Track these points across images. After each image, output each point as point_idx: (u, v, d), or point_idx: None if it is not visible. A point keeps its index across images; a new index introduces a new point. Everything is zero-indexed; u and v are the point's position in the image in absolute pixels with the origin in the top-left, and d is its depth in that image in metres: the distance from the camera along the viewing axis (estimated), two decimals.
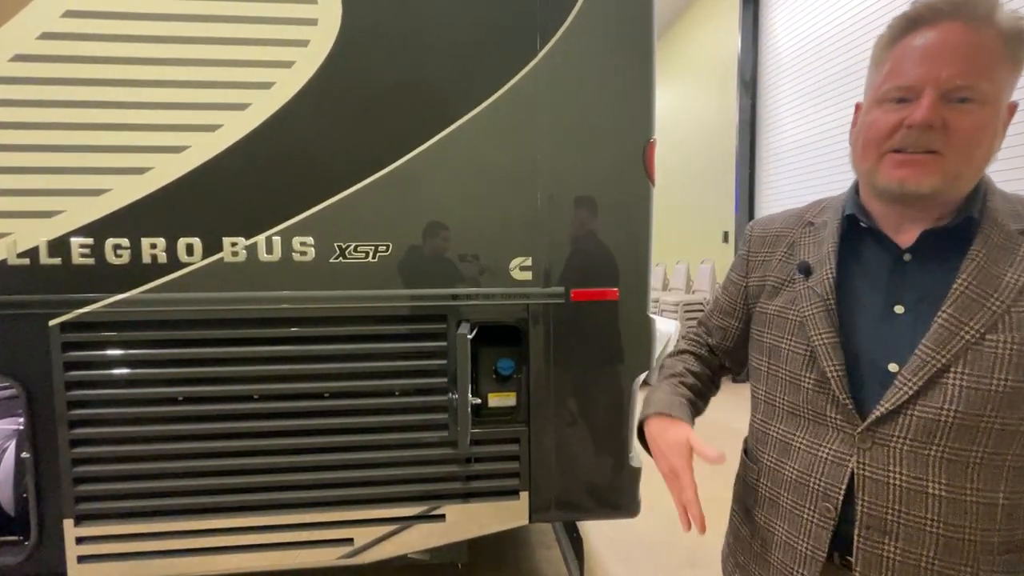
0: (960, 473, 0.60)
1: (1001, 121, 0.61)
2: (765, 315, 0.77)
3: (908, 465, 0.61)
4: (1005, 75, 0.59)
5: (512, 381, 1.54)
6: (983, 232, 0.62)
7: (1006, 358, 0.58)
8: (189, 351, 1.40)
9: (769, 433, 0.76)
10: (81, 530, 1.40)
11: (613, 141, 1.51)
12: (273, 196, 1.39)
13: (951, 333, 0.60)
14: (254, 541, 1.44)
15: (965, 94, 0.58)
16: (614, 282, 1.52)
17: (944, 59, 0.58)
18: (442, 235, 1.46)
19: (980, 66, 0.58)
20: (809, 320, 0.69)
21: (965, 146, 0.59)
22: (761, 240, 0.82)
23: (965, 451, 0.59)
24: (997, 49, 0.58)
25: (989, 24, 0.58)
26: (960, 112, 0.58)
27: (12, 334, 1.35)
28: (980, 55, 0.58)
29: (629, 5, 1.48)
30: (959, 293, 0.60)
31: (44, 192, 1.33)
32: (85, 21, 1.31)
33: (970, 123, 0.58)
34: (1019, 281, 0.59)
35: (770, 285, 0.77)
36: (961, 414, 0.59)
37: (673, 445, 0.73)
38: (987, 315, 0.59)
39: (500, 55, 1.44)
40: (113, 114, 1.34)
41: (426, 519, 1.50)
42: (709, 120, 5.75)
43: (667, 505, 2.47)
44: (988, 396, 0.58)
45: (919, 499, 0.61)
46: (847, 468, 0.65)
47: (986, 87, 0.58)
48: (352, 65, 1.40)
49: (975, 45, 0.58)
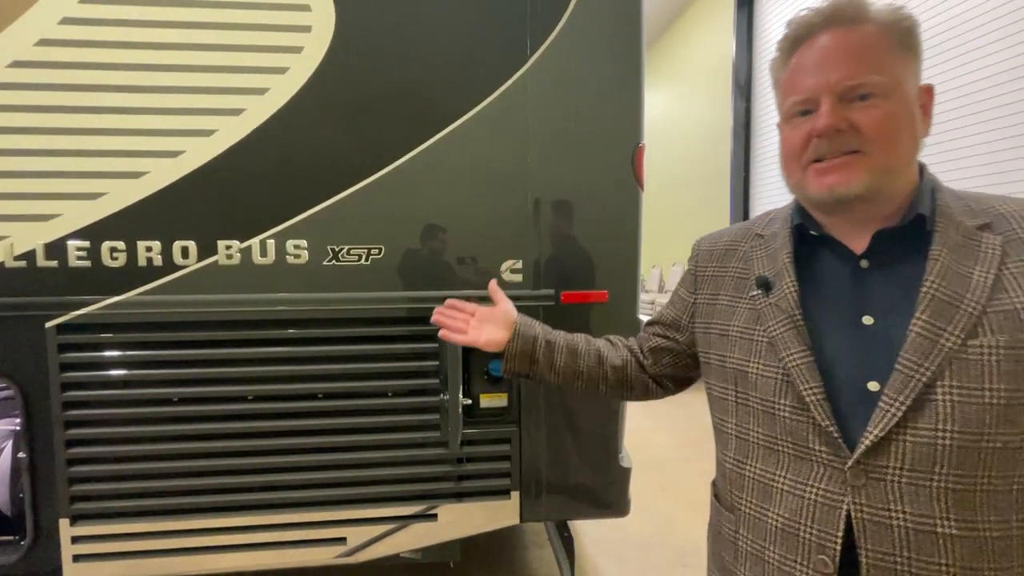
0: (970, 505, 0.52)
1: (917, 105, 0.60)
2: (726, 337, 0.70)
3: (911, 502, 0.53)
4: (899, 62, 0.59)
5: (503, 382, 1.56)
6: (940, 231, 0.58)
7: (994, 365, 0.52)
8: (184, 353, 1.42)
9: (744, 474, 0.66)
10: (76, 529, 1.41)
11: (602, 146, 1.53)
12: (267, 200, 1.42)
13: (931, 342, 0.54)
14: (248, 540, 1.46)
15: (862, 91, 0.58)
16: (603, 284, 1.54)
17: (831, 64, 0.59)
18: (434, 238, 1.48)
19: (867, 61, 0.58)
20: (779, 340, 0.63)
21: (882, 138, 0.58)
22: (709, 254, 0.78)
23: (971, 478, 0.52)
24: (880, 41, 0.59)
25: (864, 22, 0.59)
26: (864, 108, 0.58)
27: (9, 336, 1.37)
28: (864, 51, 0.58)
29: (618, 12, 1.51)
30: (930, 296, 0.55)
31: (41, 196, 1.35)
32: (82, 28, 1.34)
33: (877, 116, 0.57)
34: (988, 279, 0.55)
35: (724, 304, 0.72)
36: (959, 434, 0.52)
37: None
38: (965, 318, 0.54)
39: (491, 61, 1.46)
40: (109, 119, 1.36)
41: (418, 519, 1.52)
42: (704, 123, 5.78)
43: (658, 506, 2.49)
44: (985, 410, 0.52)
45: (929, 541, 0.53)
46: (841, 511, 0.56)
47: (880, 80, 0.58)
48: (345, 71, 1.42)
49: (856, 44, 0.59)
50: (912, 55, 0.60)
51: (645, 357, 0.86)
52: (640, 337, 0.89)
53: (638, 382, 0.87)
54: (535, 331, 0.88)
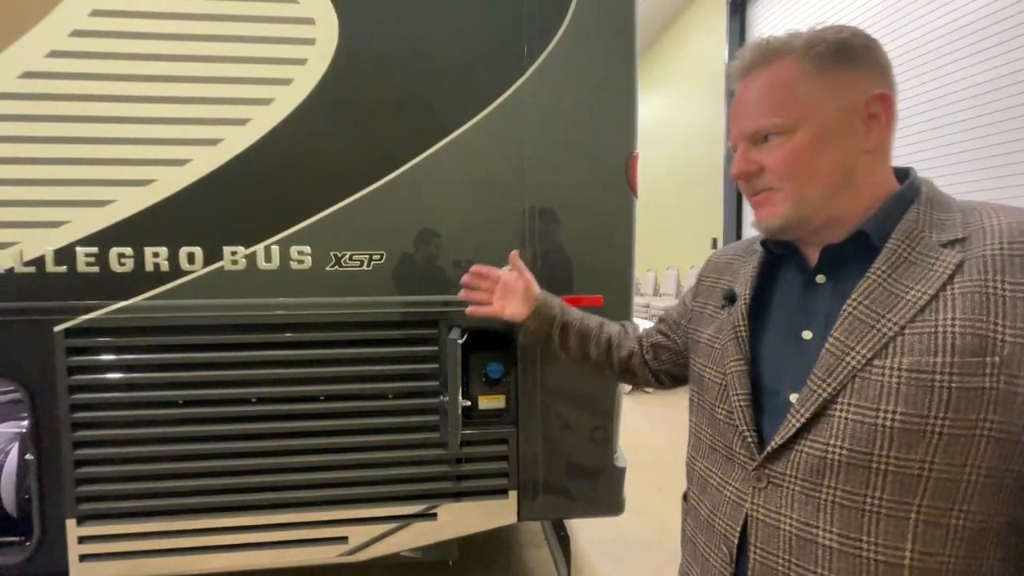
0: (854, 522, 0.53)
1: (857, 120, 0.59)
2: (700, 344, 0.75)
3: (799, 509, 0.56)
4: (817, 88, 0.59)
5: (501, 384, 1.60)
6: (889, 246, 0.57)
7: (894, 387, 0.52)
8: (190, 356, 1.45)
9: (695, 468, 0.73)
10: (83, 530, 1.44)
11: (597, 155, 1.58)
12: (272, 207, 1.45)
13: (836, 359, 0.55)
14: (251, 540, 1.49)
15: (765, 133, 0.61)
16: (598, 289, 1.59)
17: (740, 113, 0.63)
18: (434, 244, 1.53)
19: (767, 104, 0.60)
20: (724, 349, 0.68)
21: (789, 174, 0.60)
22: (714, 266, 0.82)
23: (859, 496, 0.53)
24: (788, 76, 0.59)
25: (776, 59, 0.60)
26: (769, 149, 0.61)
27: (18, 339, 1.40)
28: (766, 94, 0.60)
29: (612, 25, 1.56)
30: (847, 314, 0.56)
31: (51, 203, 1.38)
32: (92, 40, 1.37)
33: (781, 154, 0.60)
34: (922, 298, 0.53)
35: (708, 313, 0.77)
36: (848, 451, 0.53)
37: None
38: (876, 338, 0.54)
39: (489, 72, 1.51)
40: (118, 129, 1.39)
41: (418, 518, 1.56)
42: (698, 128, 5.86)
43: (654, 506, 2.54)
44: (875, 431, 0.52)
45: (809, 549, 0.55)
46: (744, 509, 0.60)
47: (779, 120, 0.59)
48: (348, 82, 1.46)
49: (761, 88, 0.61)
50: (842, 71, 0.59)
51: (647, 352, 0.93)
52: (647, 332, 0.95)
53: (640, 373, 0.94)
54: (553, 312, 0.97)
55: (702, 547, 0.67)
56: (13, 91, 1.36)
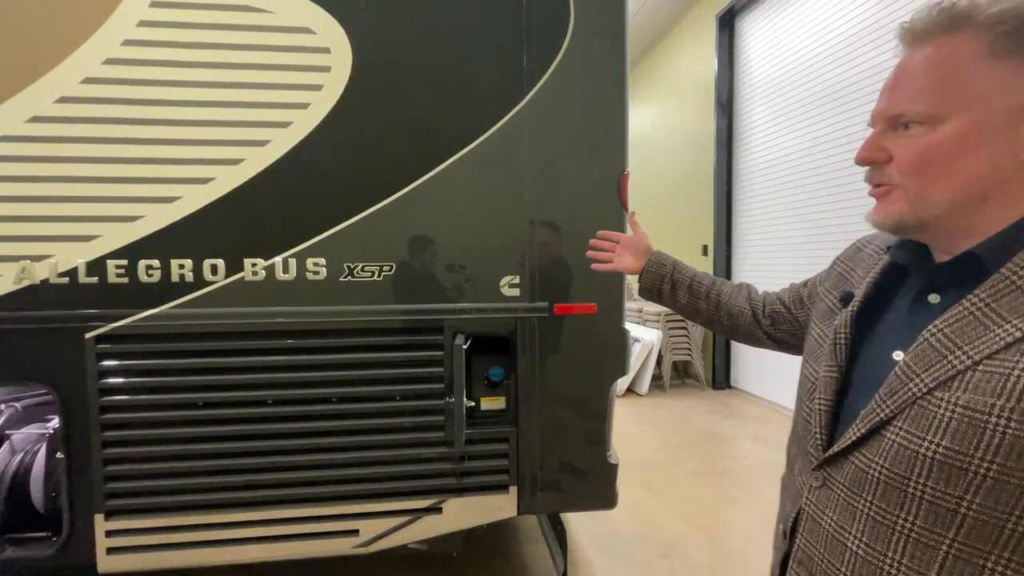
0: (883, 537, 0.54)
1: (1009, 123, 0.50)
2: (810, 336, 0.73)
3: (839, 512, 0.59)
4: (983, 76, 0.50)
5: (502, 386, 1.71)
6: (1002, 272, 0.52)
7: (945, 421, 0.50)
8: (212, 360, 1.55)
9: (790, 451, 0.75)
10: (111, 524, 1.54)
11: (591, 173, 1.70)
12: (289, 222, 1.56)
13: (901, 383, 0.54)
14: (269, 533, 1.59)
15: (906, 119, 0.54)
16: (592, 297, 1.71)
17: (889, 88, 0.56)
18: (439, 256, 1.64)
19: (920, 86, 0.53)
20: (824, 351, 0.67)
21: (914, 172, 0.54)
22: (853, 254, 0.75)
23: (892, 516, 0.54)
24: (958, 56, 0.51)
25: (951, 31, 0.52)
26: (904, 139, 0.55)
27: (51, 346, 1.50)
28: (925, 73, 0.53)
29: (604, 55, 1.69)
30: (923, 340, 0.54)
31: (84, 219, 1.48)
32: (124, 68, 1.48)
33: (915, 148, 0.54)
34: (1012, 334, 0.48)
35: (827, 306, 0.72)
36: (887, 472, 0.54)
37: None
38: (943, 368, 0.51)
39: (491, 98, 1.63)
40: (147, 150, 1.50)
41: (425, 512, 1.66)
42: (689, 138, 6.01)
43: (644, 504, 2.67)
44: (916, 459, 0.51)
45: (839, 549, 0.58)
46: (801, 501, 0.65)
47: (924, 108, 0.52)
48: (360, 106, 1.58)
49: (920, 65, 0.53)
50: (1013, 58, 0.49)
51: (765, 317, 0.91)
52: (769, 298, 0.93)
53: (748, 332, 0.94)
54: (665, 269, 1.02)
55: (781, 514, 0.72)
56: (49, 115, 1.46)
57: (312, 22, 1.55)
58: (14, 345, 1.48)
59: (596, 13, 1.67)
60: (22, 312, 1.47)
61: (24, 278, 1.47)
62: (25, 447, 1.74)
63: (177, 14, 1.49)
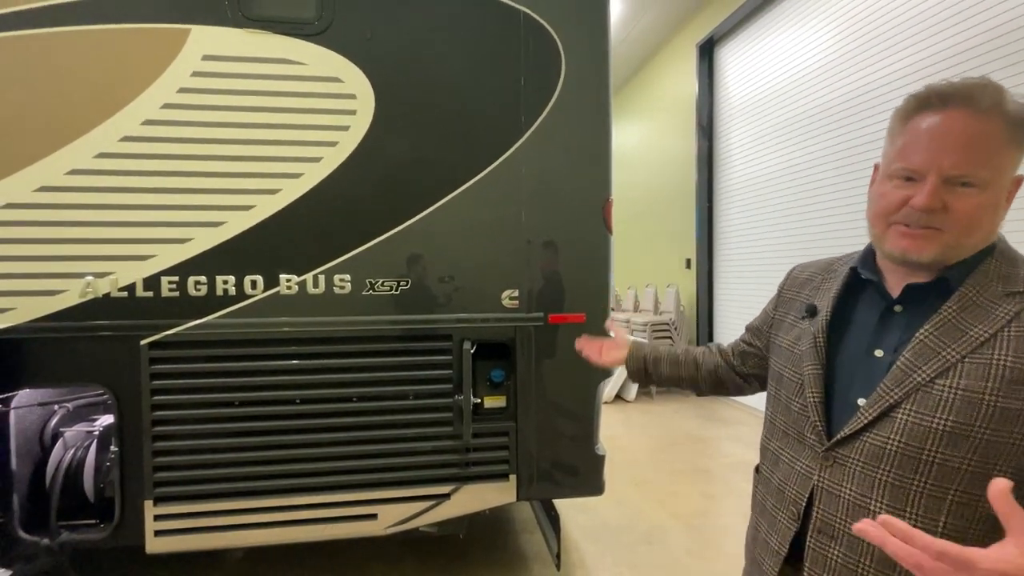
0: (901, 498, 0.66)
1: (1005, 195, 0.66)
2: (780, 347, 0.86)
3: (858, 483, 0.69)
4: (1007, 159, 0.64)
5: (503, 387, 1.95)
6: (962, 290, 0.67)
7: (950, 401, 0.64)
8: (250, 364, 1.78)
9: (768, 448, 0.86)
10: (159, 509, 1.74)
11: (579, 199, 1.97)
12: (319, 243, 1.80)
13: (905, 374, 0.67)
14: (298, 517, 1.80)
15: (965, 180, 0.64)
16: (581, 308, 1.96)
17: (947, 147, 0.64)
18: (448, 272, 1.89)
19: (981, 155, 0.63)
20: (804, 354, 0.79)
21: (965, 225, 0.65)
22: (795, 280, 0.91)
23: (908, 479, 0.65)
24: (999, 136, 0.63)
25: (995, 113, 0.63)
26: (961, 196, 0.64)
27: (110, 351, 1.71)
28: (981, 144, 0.63)
29: (590, 101, 1.96)
30: (919, 341, 0.67)
31: (141, 241, 1.71)
32: (177, 111, 1.72)
33: (970, 206, 0.64)
34: (982, 336, 0.64)
35: (788, 322, 0.87)
36: (904, 444, 0.66)
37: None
38: (940, 362, 0.65)
39: (493, 137, 1.89)
40: (196, 181, 1.73)
41: (435, 498, 1.89)
42: (672, 158, 6.34)
43: (631, 498, 2.95)
44: (929, 431, 0.64)
45: (862, 513, 0.68)
46: (812, 481, 0.74)
47: (985, 174, 0.63)
48: (381, 144, 1.83)
49: (978, 134, 0.63)
50: (1021, 148, 0.65)
51: (735, 358, 1.02)
52: (733, 344, 1.05)
53: (729, 381, 1.03)
54: (644, 352, 1.11)
55: (771, 507, 0.81)
56: (113, 151, 1.69)
57: (340, 72, 1.80)
58: (76, 351, 1.70)
59: (584, 64, 1.94)
60: (85, 322, 1.69)
61: (89, 292, 1.69)
62: (77, 443, 1.94)
63: (228, 66, 1.74)
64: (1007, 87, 0.65)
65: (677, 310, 5.66)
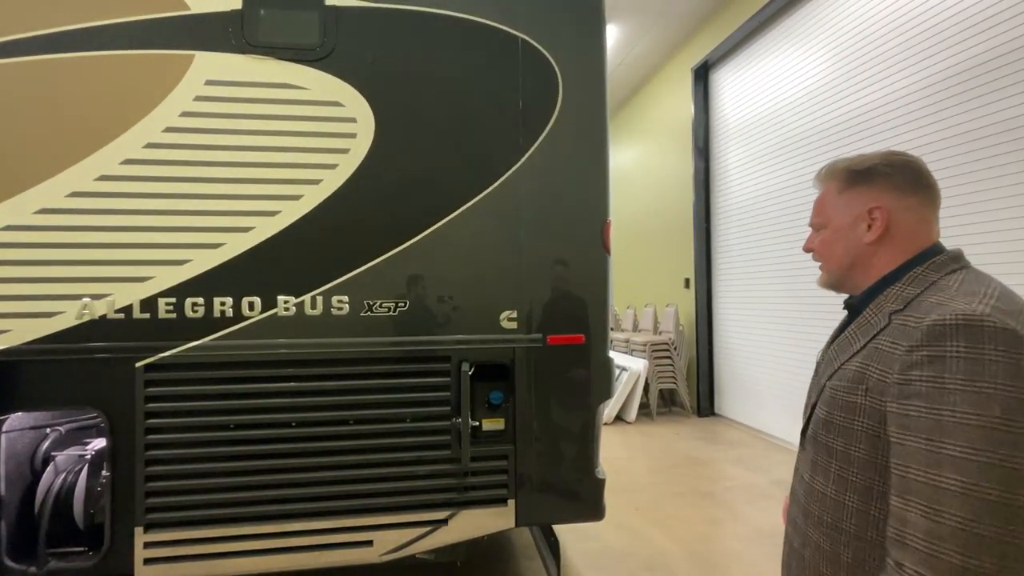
0: (822, 472, 0.84)
1: (862, 223, 0.85)
2: None
3: (804, 463, 0.90)
4: (841, 202, 0.87)
5: (502, 409, 1.93)
6: (864, 313, 0.84)
7: (827, 396, 0.84)
8: (246, 387, 1.76)
9: None
10: (149, 536, 1.70)
11: (578, 221, 1.98)
12: (317, 264, 1.80)
13: (819, 378, 0.89)
14: (292, 544, 1.76)
15: (815, 226, 0.93)
16: (581, 329, 1.95)
17: (814, 209, 0.94)
18: (447, 294, 1.88)
19: (821, 208, 0.91)
20: None
21: (823, 256, 0.91)
22: None
23: (824, 459, 0.84)
24: (829, 192, 0.90)
25: (832, 178, 0.90)
26: (815, 236, 0.93)
27: (104, 374, 1.69)
28: (823, 201, 0.91)
29: (587, 122, 1.99)
30: (830, 352, 0.89)
31: (139, 262, 1.71)
32: (178, 135, 1.74)
33: (820, 242, 0.91)
34: (860, 346, 0.81)
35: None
36: (814, 431, 0.86)
37: None
38: (833, 368, 0.85)
39: (493, 159, 1.91)
40: (195, 203, 1.74)
41: (432, 524, 1.85)
42: (669, 179, 6.41)
43: (632, 523, 2.89)
44: (820, 420, 0.85)
45: (805, 488, 0.88)
46: (798, 471, 0.94)
47: (818, 220, 0.91)
48: (380, 166, 1.84)
49: (822, 195, 0.92)
50: (855, 190, 0.86)
51: None
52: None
53: None
54: None
55: None
56: (114, 174, 1.70)
57: (341, 96, 1.83)
58: (71, 373, 1.68)
59: (581, 88, 1.97)
60: (81, 344, 1.67)
61: (85, 314, 1.68)
62: (67, 467, 1.91)
63: (230, 91, 1.76)
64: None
65: (676, 330, 5.64)
